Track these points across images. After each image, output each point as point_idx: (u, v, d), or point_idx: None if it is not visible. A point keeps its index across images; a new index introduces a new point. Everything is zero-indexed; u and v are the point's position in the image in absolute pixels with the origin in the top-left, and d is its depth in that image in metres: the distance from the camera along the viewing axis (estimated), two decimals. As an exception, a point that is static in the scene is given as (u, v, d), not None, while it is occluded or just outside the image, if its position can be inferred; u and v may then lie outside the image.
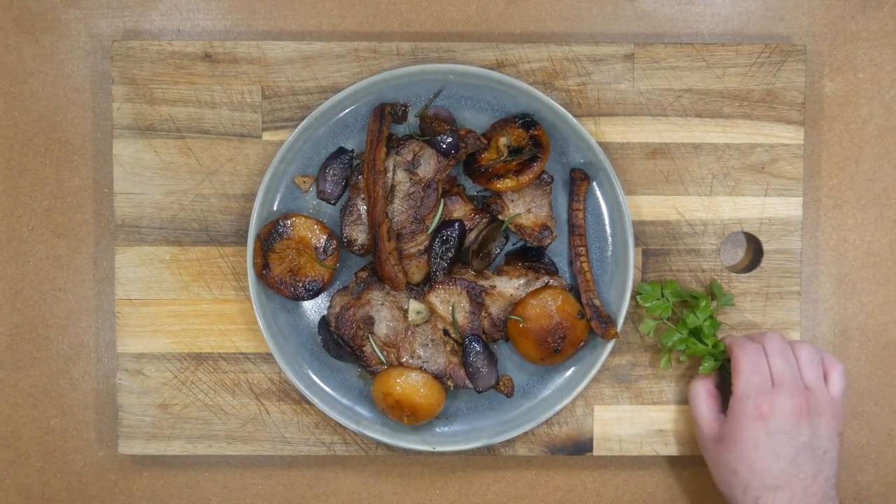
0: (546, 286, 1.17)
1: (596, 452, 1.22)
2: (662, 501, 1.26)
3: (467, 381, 1.17)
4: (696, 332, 1.19)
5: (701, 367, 1.19)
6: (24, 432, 1.25)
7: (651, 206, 1.21)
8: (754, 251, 1.23)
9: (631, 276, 1.17)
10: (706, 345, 1.18)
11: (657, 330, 1.21)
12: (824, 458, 1.10)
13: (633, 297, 1.20)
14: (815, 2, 1.25)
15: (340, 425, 1.21)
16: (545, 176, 1.18)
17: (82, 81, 1.23)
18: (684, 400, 1.22)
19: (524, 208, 1.18)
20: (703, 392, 1.18)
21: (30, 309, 1.24)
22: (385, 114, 1.15)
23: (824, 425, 1.11)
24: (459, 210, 1.17)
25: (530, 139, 1.16)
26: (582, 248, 1.19)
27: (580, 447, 1.22)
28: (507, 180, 1.15)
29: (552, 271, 1.18)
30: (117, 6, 1.24)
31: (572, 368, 1.19)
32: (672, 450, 1.21)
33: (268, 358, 1.21)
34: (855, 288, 1.25)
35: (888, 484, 1.26)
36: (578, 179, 1.18)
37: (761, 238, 1.21)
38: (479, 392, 1.17)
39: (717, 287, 1.20)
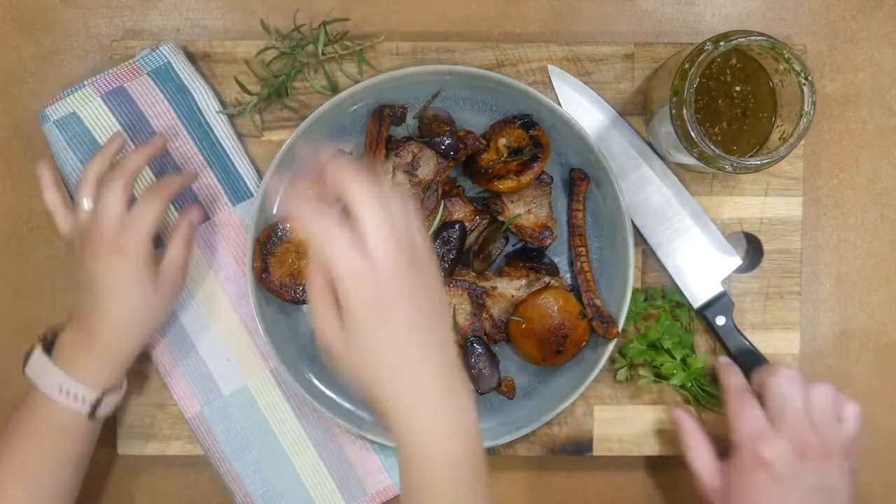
0: (547, 287, 1.17)
1: (596, 452, 1.22)
2: (662, 502, 1.26)
3: (469, 383, 1.17)
4: (657, 344, 1.20)
5: (671, 380, 1.19)
6: (25, 433, 1.25)
7: (651, 207, 1.21)
8: (754, 251, 1.23)
9: (631, 276, 1.17)
10: (674, 358, 1.18)
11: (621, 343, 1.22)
12: (834, 499, 1.06)
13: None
14: (815, 1, 1.24)
15: (341, 426, 1.21)
16: (545, 176, 1.18)
17: (82, 81, 1.23)
18: (684, 400, 1.22)
19: (524, 209, 1.17)
20: (695, 440, 1.14)
21: (30, 309, 1.24)
22: (384, 115, 1.15)
23: (835, 465, 1.07)
24: (459, 211, 1.17)
25: (530, 139, 1.16)
26: (582, 249, 1.19)
27: (580, 447, 1.22)
28: (508, 181, 1.14)
29: (553, 272, 1.18)
30: (117, 6, 1.23)
31: (574, 369, 1.19)
32: (672, 450, 1.22)
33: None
34: (855, 288, 1.25)
35: (888, 484, 1.26)
36: (578, 179, 1.18)
37: (761, 238, 1.21)
38: (480, 394, 1.17)
39: (681, 313, 1.21)
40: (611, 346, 1.17)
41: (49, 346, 1.11)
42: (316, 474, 1.20)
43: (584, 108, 1.19)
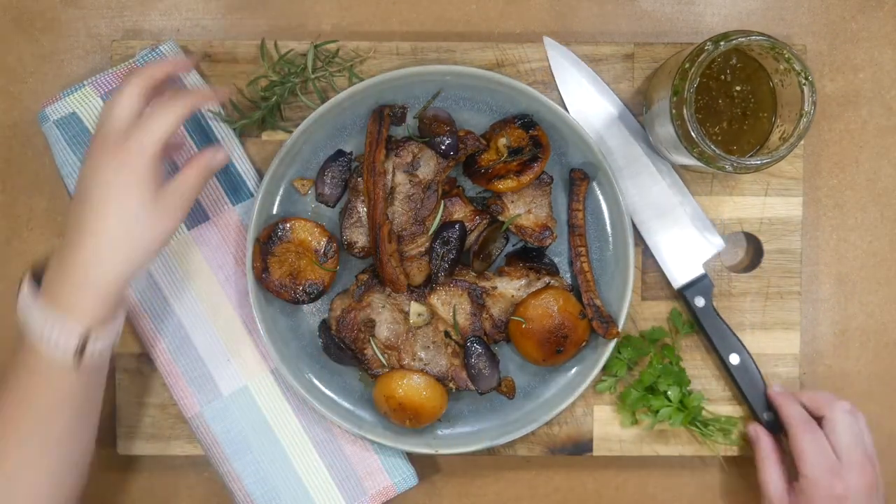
0: (547, 287, 1.17)
1: (596, 452, 1.22)
2: (662, 502, 1.26)
3: (469, 383, 1.17)
4: (653, 388, 1.19)
5: (669, 422, 1.19)
6: (25, 432, 1.25)
7: (651, 207, 1.21)
8: (754, 251, 1.23)
9: (631, 276, 1.17)
10: (670, 401, 1.18)
11: (616, 387, 1.21)
12: None
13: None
14: (815, 1, 1.24)
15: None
16: (545, 176, 1.18)
17: (82, 81, 1.23)
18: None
19: (524, 209, 1.17)
20: (770, 462, 1.16)
21: (30, 309, 1.24)
22: (384, 115, 1.14)
23: (881, 493, 1.12)
24: (459, 211, 1.17)
25: (530, 139, 1.16)
26: (582, 249, 1.18)
27: (580, 447, 1.22)
28: (508, 181, 1.14)
29: (553, 272, 1.18)
30: (117, 6, 1.23)
31: (574, 369, 1.19)
32: (672, 450, 1.22)
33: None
34: (855, 288, 1.25)
35: (888, 484, 1.25)
36: (578, 179, 1.18)
37: (761, 238, 1.21)
38: (480, 394, 1.17)
39: (675, 315, 1.20)
40: (611, 346, 1.17)
41: (39, 278, 1.02)
42: (316, 474, 1.20)
43: (576, 82, 1.18)
